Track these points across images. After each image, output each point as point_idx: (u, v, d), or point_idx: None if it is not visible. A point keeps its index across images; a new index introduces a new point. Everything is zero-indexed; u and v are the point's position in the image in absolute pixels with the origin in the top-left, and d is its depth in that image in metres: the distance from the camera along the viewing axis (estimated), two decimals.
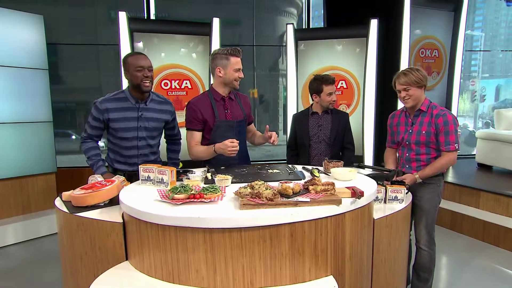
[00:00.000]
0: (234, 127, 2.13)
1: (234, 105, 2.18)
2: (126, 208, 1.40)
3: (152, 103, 2.09)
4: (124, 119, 2.01)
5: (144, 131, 2.06)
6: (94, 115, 2.02)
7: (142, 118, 2.04)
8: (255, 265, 1.26)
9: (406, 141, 2.12)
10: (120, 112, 2.01)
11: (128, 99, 2.03)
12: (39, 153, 3.50)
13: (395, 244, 1.74)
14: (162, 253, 1.30)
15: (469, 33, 14.78)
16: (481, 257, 2.98)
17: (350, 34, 4.13)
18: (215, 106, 2.11)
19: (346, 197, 1.41)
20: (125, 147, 2.06)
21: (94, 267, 1.49)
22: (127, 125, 2.02)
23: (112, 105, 2.00)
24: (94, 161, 2.04)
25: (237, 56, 2.06)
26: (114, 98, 2.03)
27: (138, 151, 2.07)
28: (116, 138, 2.06)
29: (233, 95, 2.19)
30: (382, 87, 4.29)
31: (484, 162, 4.46)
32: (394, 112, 2.26)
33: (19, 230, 3.29)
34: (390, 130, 2.27)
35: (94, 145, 2.09)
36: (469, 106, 14.55)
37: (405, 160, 2.15)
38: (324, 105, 2.52)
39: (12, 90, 3.31)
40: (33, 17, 3.43)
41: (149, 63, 2.01)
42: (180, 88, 3.88)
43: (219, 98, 2.13)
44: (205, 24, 3.85)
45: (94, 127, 2.04)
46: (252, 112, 2.33)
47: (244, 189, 1.39)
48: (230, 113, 2.14)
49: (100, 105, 1.99)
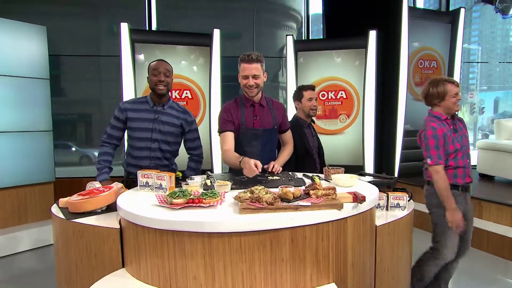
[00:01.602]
0: (260, 135, 2.07)
1: (265, 112, 2.10)
2: (123, 213, 1.37)
3: (170, 109, 2.13)
4: (141, 119, 2.07)
5: (159, 133, 2.08)
6: (115, 114, 2.09)
7: (158, 120, 2.08)
8: (255, 271, 1.22)
9: (466, 146, 2.05)
10: (137, 112, 2.07)
11: (147, 102, 2.11)
12: (37, 162, 3.48)
13: (398, 252, 1.70)
14: (159, 259, 1.26)
15: (466, 47, 14.98)
16: (487, 269, 2.92)
17: (349, 45, 4.19)
18: (244, 112, 2.06)
19: (348, 202, 1.39)
20: (138, 147, 2.08)
21: (90, 275, 1.45)
22: (142, 125, 2.06)
23: (131, 106, 2.09)
24: (101, 166, 2.05)
25: (244, 62, 1.96)
26: (134, 101, 2.14)
27: (150, 153, 2.08)
28: (131, 139, 2.10)
29: (265, 101, 2.12)
30: (381, 97, 4.32)
31: (485, 173, 4.44)
32: (435, 123, 1.99)
33: (14, 240, 3.23)
34: (443, 141, 1.96)
35: (109, 151, 2.09)
36: (468, 119, 14.61)
37: (470, 168, 2.07)
38: (306, 111, 2.50)
39: (13, 99, 3.31)
40: (36, 28, 3.47)
41: (166, 68, 2.08)
42: (181, 98, 3.89)
43: (248, 104, 2.07)
44: (205, 35, 3.90)
45: (114, 126, 2.10)
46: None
47: (244, 193, 1.36)
48: (259, 120, 2.07)
49: (122, 105, 2.09)
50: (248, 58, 1.95)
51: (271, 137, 2.12)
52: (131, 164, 2.12)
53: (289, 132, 2.24)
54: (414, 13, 4.46)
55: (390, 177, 2.02)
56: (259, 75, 1.98)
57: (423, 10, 5.09)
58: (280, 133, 2.21)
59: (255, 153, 2.03)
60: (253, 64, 1.95)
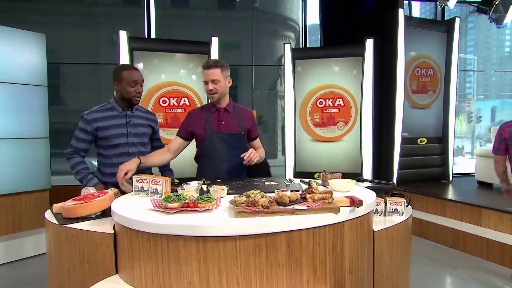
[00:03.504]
0: (226, 139, 2.08)
1: (231, 117, 2.14)
2: (117, 217, 1.35)
3: (138, 111, 2.15)
4: (113, 126, 2.03)
5: (134, 137, 2.08)
6: (81, 127, 2.01)
7: (131, 124, 2.07)
8: (251, 276, 1.20)
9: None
10: (108, 120, 2.03)
11: (115, 108, 2.07)
12: (34, 169, 3.45)
13: (397, 258, 1.68)
14: (153, 264, 1.24)
15: (462, 57, 15.16)
16: (487, 276, 2.88)
17: (346, 53, 4.23)
18: (209, 117, 2.10)
19: (345, 205, 1.37)
20: (116, 154, 2.04)
21: (82, 281, 1.41)
22: (117, 132, 2.03)
23: (99, 115, 2.02)
24: (84, 175, 2.00)
25: (204, 68, 2.02)
26: (100, 109, 2.06)
27: (129, 158, 2.02)
28: (106, 148, 2.04)
29: (232, 107, 2.16)
30: (379, 105, 4.34)
31: (484, 180, 4.43)
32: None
33: (8, 249, 3.18)
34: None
35: (81, 160, 2.05)
36: (466, 128, 14.68)
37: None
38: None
39: (10, 106, 3.31)
40: (34, 35, 3.50)
41: (142, 78, 2.07)
42: (178, 105, 3.90)
43: (214, 109, 2.13)
44: (204, 43, 3.93)
45: (80, 139, 2.02)
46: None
47: (240, 197, 1.35)
48: (225, 124, 2.11)
49: (88, 116, 2.00)
50: (207, 64, 2.02)
51: (238, 142, 2.11)
52: (107, 173, 2.06)
53: (258, 141, 2.27)
54: (410, 22, 4.52)
55: (387, 183, 2.00)
56: (218, 80, 2.02)
57: (419, 19, 5.17)
58: (249, 140, 2.23)
59: (222, 158, 2.07)
60: (211, 69, 2.01)
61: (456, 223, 3.56)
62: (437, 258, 3.26)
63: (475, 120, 14.34)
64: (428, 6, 11.36)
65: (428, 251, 3.43)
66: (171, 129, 3.81)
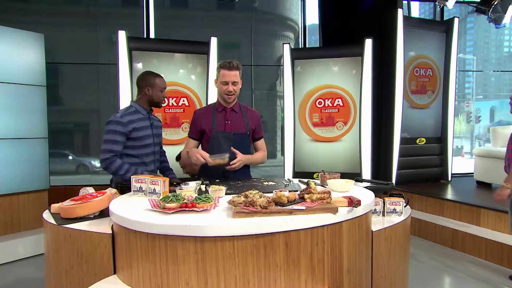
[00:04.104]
0: (231, 139, 2.10)
1: (237, 117, 2.15)
2: (115, 217, 1.35)
3: (153, 116, 2.31)
4: (143, 127, 2.14)
5: (156, 137, 2.24)
6: (117, 130, 2.03)
7: (153, 126, 2.23)
8: (249, 276, 1.20)
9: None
10: (138, 122, 2.13)
11: (139, 111, 2.16)
12: (32, 170, 3.44)
13: (395, 258, 1.68)
14: (151, 264, 1.24)
15: (461, 57, 15.17)
16: (486, 276, 2.88)
17: (345, 53, 4.22)
18: (215, 117, 2.11)
19: (343, 206, 1.37)
20: (146, 154, 2.16)
21: (80, 281, 1.41)
22: (146, 133, 2.15)
23: (132, 117, 2.11)
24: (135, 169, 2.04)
25: (224, 69, 2.03)
26: (129, 113, 2.13)
27: (154, 156, 2.24)
28: (137, 148, 2.12)
29: (239, 107, 2.18)
30: (378, 105, 4.34)
31: (482, 180, 4.43)
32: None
33: (6, 249, 3.17)
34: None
35: (122, 161, 2.06)
36: (465, 128, 14.70)
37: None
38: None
39: (8, 106, 3.30)
40: (34, 35, 3.49)
41: None
42: (178, 105, 3.89)
43: (220, 109, 2.14)
44: (203, 43, 3.93)
45: (118, 142, 2.04)
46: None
47: (238, 197, 1.35)
48: (231, 124, 2.12)
49: (122, 119, 2.05)
50: (229, 65, 2.03)
51: (243, 142, 2.13)
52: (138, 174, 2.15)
53: (262, 142, 2.28)
54: (409, 22, 4.52)
55: (386, 183, 2.01)
56: (238, 82, 2.07)
57: (418, 19, 5.16)
58: (254, 140, 2.25)
59: None
60: (233, 71, 2.03)
61: (455, 223, 3.56)
62: (435, 258, 3.27)
63: (474, 120, 14.36)
64: (427, 6, 11.39)
65: (426, 251, 3.43)
66: (171, 129, 3.80)
